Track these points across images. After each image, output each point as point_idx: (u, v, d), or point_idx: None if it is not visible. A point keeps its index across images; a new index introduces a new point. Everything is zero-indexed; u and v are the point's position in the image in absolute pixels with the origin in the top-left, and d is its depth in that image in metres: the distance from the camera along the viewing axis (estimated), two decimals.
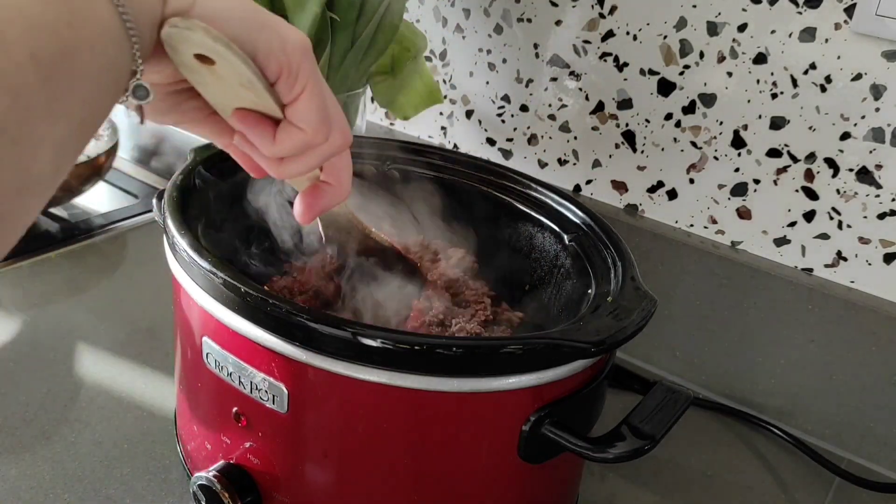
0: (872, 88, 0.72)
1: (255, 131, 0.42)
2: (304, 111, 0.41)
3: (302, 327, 0.47)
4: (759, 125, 0.78)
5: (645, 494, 0.69)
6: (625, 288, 0.55)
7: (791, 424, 0.79)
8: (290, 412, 0.50)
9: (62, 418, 0.68)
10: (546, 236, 0.67)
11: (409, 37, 0.90)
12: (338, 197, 0.48)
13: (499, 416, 0.50)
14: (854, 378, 0.76)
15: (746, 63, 0.77)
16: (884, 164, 0.73)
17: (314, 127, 0.41)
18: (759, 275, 0.79)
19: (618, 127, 0.87)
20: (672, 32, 0.80)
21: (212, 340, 0.53)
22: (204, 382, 0.56)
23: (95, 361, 0.75)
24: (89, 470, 0.63)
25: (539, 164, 0.93)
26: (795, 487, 0.72)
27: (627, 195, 0.88)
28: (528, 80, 0.91)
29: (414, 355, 0.46)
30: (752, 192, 0.80)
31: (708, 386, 0.84)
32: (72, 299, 0.84)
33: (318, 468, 0.52)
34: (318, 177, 0.48)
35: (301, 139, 0.42)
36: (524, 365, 0.48)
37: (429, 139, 1.02)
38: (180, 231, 0.54)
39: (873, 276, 0.76)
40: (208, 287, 0.51)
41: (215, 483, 0.54)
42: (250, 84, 0.39)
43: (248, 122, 0.42)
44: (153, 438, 0.67)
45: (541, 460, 0.52)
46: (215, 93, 0.41)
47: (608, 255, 0.60)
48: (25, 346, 0.76)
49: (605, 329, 0.49)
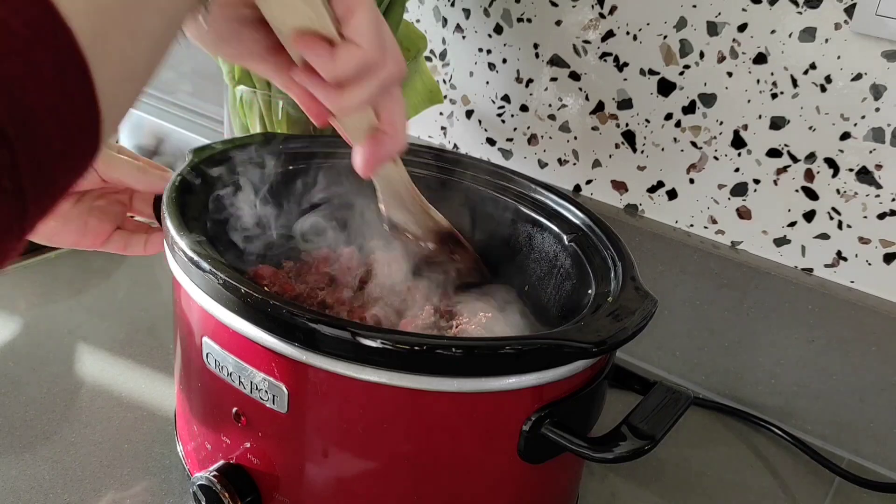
0: (872, 88, 0.72)
1: (315, 53, 0.42)
2: (360, 25, 0.42)
3: (301, 328, 0.47)
4: (759, 125, 0.78)
5: (645, 494, 0.69)
6: (625, 288, 0.55)
7: (791, 424, 0.79)
8: (290, 412, 0.50)
9: (62, 418, 0.68)
10: (546, 237, 0.66)
11: (409, 37, 0.90)
12: (396, 145, 0.48)
13: (499, 416, 0.50)
14: (854, 378, 0.76)
15: (746, 63, 0.77)
16: (884, 164, 0.73)
17: (372, 42, 0.42)
18: (759, 275, 0.79)
19: (618, 127, 0.87)
20: (672, 32, 0.80)
21: (212, 340, 0.53)
22: (204, 382, 0.56)
23: (95, 361, 0.75)
24: (89, 470, 0.63)
25: (539, 164, 0.93)
26: (795, 487, 0.72)
27: (627, 195, 0.88)
28: (528, 80, 0.91)
29: (413, 355, 0.46)
30: (752, 192, 0.80)
31: (708, 386, 0.84)
32: (72, 299, 0.84)
33: (318, 468, 0.52)
34: (374, 126, 0.48)
35: (360, 56, 0.42)
36: (524, 365, 0.48)
37: (429, 139, 1.02)
38: (179, 232, 0.54)
39: (873, 276, 0.76)
40: (208, 288, 0.51)
41: (215, 483, 0.54)
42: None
43: (307, 42, 0.42)
44: (153, 438, 0.67)
45: (541, 460, 0.52)
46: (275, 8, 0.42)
47: (608, 256, 0.60)
48: (25, 346, 0.76)
49: (606, 329, 0.49)
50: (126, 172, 0.61)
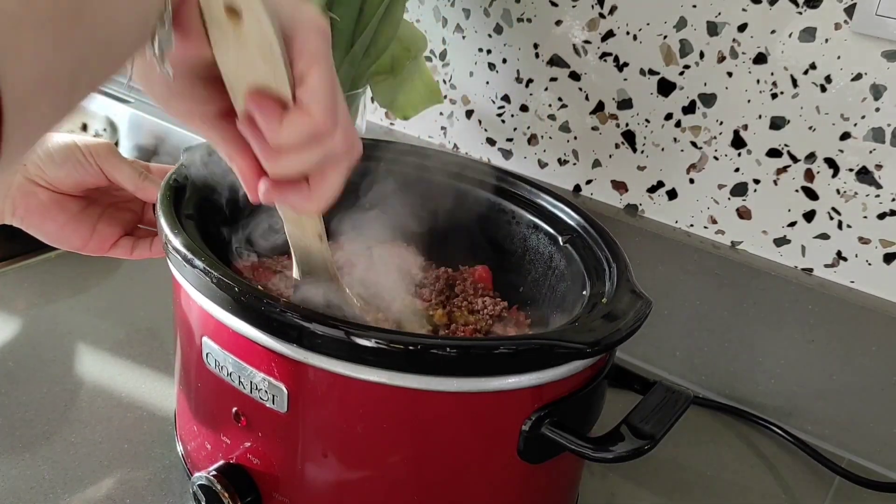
0: (872, 88, 0.71)
1: (264, 114, 0.41)
2: (316, 90, 0.40)
3: (297, 327, 0.47)
4: (759, 125, 0.78)
5: (645, 494, 0.69)
6: (620, 289, 0.55)
7: (791, 424, 0.79)
8: (289, 412, 0.50)
9: (62, 418, 0.68)
10: (540, 238, 0.66)
11: (409, 37, 0.90)
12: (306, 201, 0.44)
13: (498, 415, 0.50)
14: (854, 378, 0.76)
15: (746, 63, 0.77)
16: (884, 164, 0.73)
17: (323, 111, 0.41)
18: (759, 275, 0.79)
19: (618, 127, 0.87)
20: (672, 32, 0.80)
21: (211, 340, 0.53)
22: (204, 382, 0.56)
23: (95, 361, 0.75)
24: (89, 470, 0.63)
25: (539, 164, 0.93)
26: (795, 487, 0.72)
27: (627, 195, 0.88)
28: (528, 80, 0.91)
29: (409, 355, 0.46)
30: (752, 192, 0.80)
31: (708, 386, 0.84)
32: (72, 299, 0.84)
33: (318, 468, 0.52)
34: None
35: (308, 124, 0.41)
36: (523, 365, 0.48)
37: (429, 139, 1.02)
38: (174, 231, 0.54)
39: (873, 276, 0.76)
40: (204, 287, 0.51)
41: (215, 483, 0.54)
42: (271, 52, 0.39)
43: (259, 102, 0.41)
44: (153, 438, 0.67)
45: (541, 460, 0.52)
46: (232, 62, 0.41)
47: (603, 257, 0.60)
48: (25, 346, 0.76)
49: (600, 330, 0.49)
50: (126, 176, 0.61)
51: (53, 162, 0.59)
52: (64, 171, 0.60)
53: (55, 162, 0.59)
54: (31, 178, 0.60)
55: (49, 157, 0.59)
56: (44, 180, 0.60)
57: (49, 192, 0.61)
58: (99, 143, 0.61)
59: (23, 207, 0.60)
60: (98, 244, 0.63)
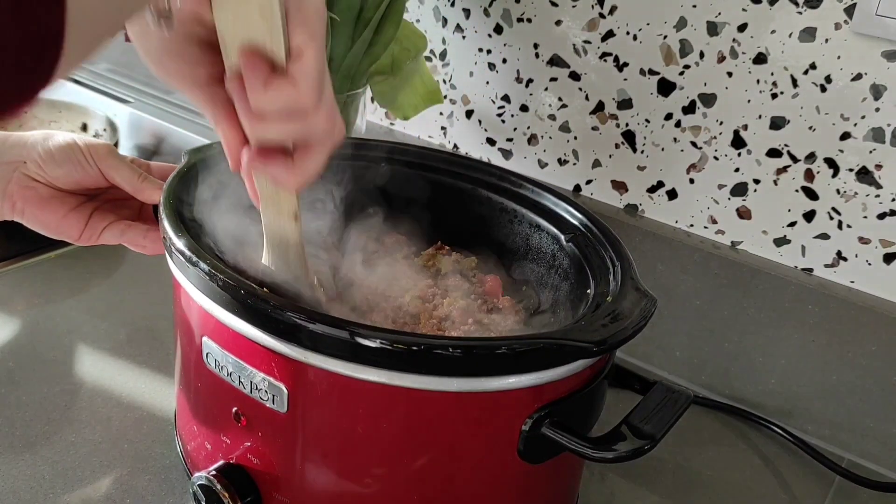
0: (872, 88, 0.72)
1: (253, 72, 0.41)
2: (307, 69, 0.41)
3: (299, 328, 0.47)
4: (759, 125, 0.78)
5: (645, 494, 0.69)
6: (624, 288, 0.55)
7: (791, 424, 0.79)
8: (289, 412, 0.50)
9: (62, 418, 0.68)
10: (543, 237, 0.66)
11: (409, 37, 0.90)
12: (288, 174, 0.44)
13: (499, 415, 0.50)
14: (854, 378, 0.76)
15: (746, 63, 0.77)
16: (884, 164, 0.73)
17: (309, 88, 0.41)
18: (759, 275, 0.79)
19: (618, 127, 0.87)
20: (672, 32, 0.80)
21: (211, 340, 0.53)
22: (204, 382, 0.56)
23: (95, 361, 0.75)
24: (89, 470, 0.63)
25: (539, 165, 0.93)
26: (795, 487, 0.72)
27: (627, 195, 0.88)
28: (528, 80, 0.91)
29: (412, 355, 0.46)
30: (752, 192, 0.80)
31: (708, 386, 0.84)
32: (72, 299, 0.84)
33: (318, 468, 0.52)
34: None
35: (292, 96, 0.41)
36: (524, 365, 0.48)
37: (429, 139, 1.02)
38: (177, 232, 0.54)
39: (873, 276, 0.76)
40: (206, 288, 0.51)
41: (215, 483, 0.54)
42: (270, 9, 0.39)
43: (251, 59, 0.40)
44: (153, 438, 0.67)
45: (541, 460, 0.52)
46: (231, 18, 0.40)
47: (606, 256, 0.60)
48: (25, 346, 0.76)
49: (606, 329, 0.49)
50: (124, 177, 0.61)
51: (54, 161, 0.59)
52: (64, 171, 0.60)
53: (56, 161, 0.59)
54: (30, 175, 0.60)
55: (50, 156, 0.59)
56: (44, 178, 0.60)
57: (48, 188, 0.61)
58: (99, 144, 0.61)
59: (22, 200, 0.60)
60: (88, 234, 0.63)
